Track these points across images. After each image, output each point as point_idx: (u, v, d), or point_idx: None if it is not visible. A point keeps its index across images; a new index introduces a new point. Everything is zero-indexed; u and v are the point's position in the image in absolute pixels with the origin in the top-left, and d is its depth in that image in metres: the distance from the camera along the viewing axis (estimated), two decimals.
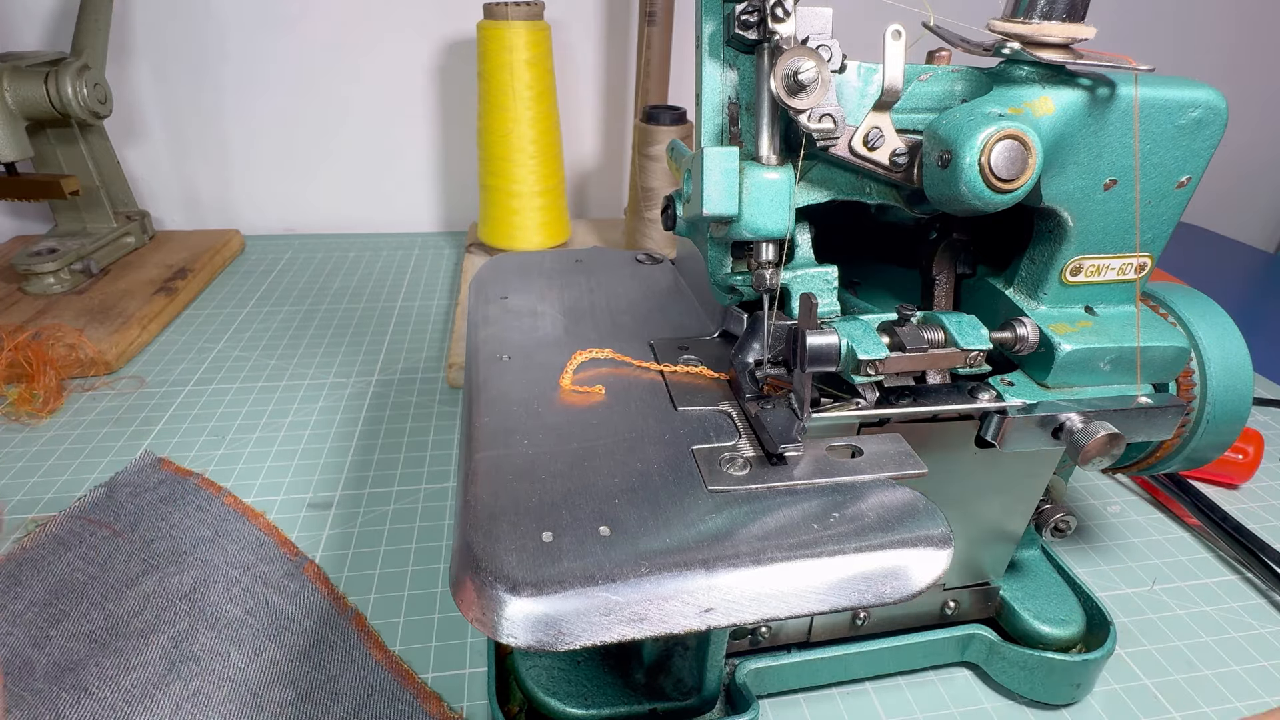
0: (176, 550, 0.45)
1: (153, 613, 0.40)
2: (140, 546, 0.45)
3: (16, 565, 0.43)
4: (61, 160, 0.81)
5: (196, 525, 0.47)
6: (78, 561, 0.43)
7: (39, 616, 0.39)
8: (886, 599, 0.26)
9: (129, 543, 0.45)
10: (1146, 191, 0.33)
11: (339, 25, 0.95)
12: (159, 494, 0.49)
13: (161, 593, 0.41)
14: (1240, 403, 0.37)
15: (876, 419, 0.33)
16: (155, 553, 0.44)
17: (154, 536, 0.45)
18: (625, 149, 1.08)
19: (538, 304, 0.46)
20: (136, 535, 0.45)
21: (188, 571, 0.43)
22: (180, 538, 0.46)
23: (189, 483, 0.51)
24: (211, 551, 0.45)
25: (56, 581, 0.42)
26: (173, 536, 0.46)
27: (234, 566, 0.44)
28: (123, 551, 0.44)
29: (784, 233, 0.32)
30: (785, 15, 0.29)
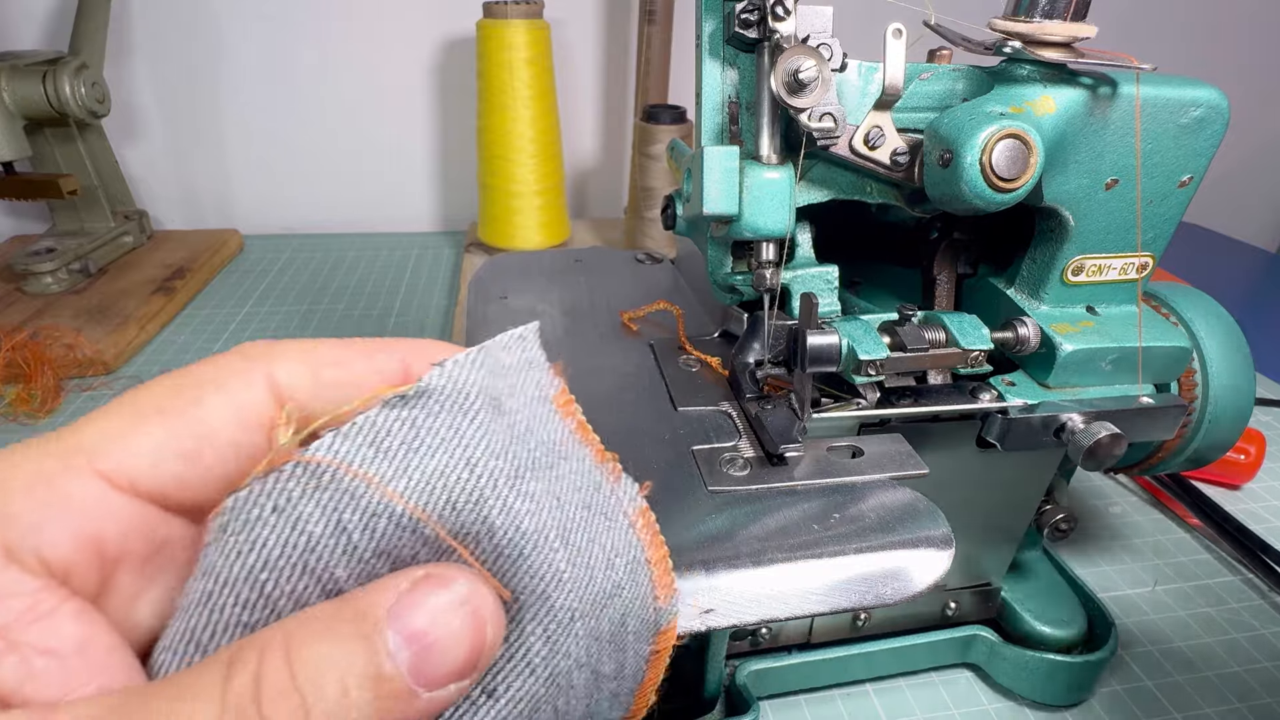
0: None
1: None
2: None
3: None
4: (59, 160, 0.81)
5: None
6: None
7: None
8: (887, 600, 0.26)
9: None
10: (1148, 191, 0.33)
11: (338, 23, 0.95)
12: None
13: None
14: (1242, 403, 0.37)
15: (877, 419, 0.33)
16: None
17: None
18: (625, 148, 1.08)
19: (537, 304, 0.46)
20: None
21: None
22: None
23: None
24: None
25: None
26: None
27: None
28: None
29: (784, 232, 0.32)
30: (785, 14, 0.29)
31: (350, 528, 0.15)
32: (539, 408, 0.18)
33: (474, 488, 0.16)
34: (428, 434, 0.16)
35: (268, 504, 0.15)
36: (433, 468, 0.16)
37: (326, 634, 0.14)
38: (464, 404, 0.16)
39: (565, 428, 0.19)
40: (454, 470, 0.16)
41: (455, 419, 0.16)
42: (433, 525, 0.16)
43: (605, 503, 0.18)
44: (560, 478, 0.18)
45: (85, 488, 0.16)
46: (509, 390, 0.18)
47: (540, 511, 0.17)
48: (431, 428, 0.16)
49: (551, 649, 0.17)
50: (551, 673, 0.16)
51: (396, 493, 0.16)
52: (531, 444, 0.17)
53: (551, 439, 0.18)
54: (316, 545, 0.15)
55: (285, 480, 0.15)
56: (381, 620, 0.14)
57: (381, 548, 0.16)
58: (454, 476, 0.16)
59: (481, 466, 0.16)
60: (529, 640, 0.16)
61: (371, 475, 0.15)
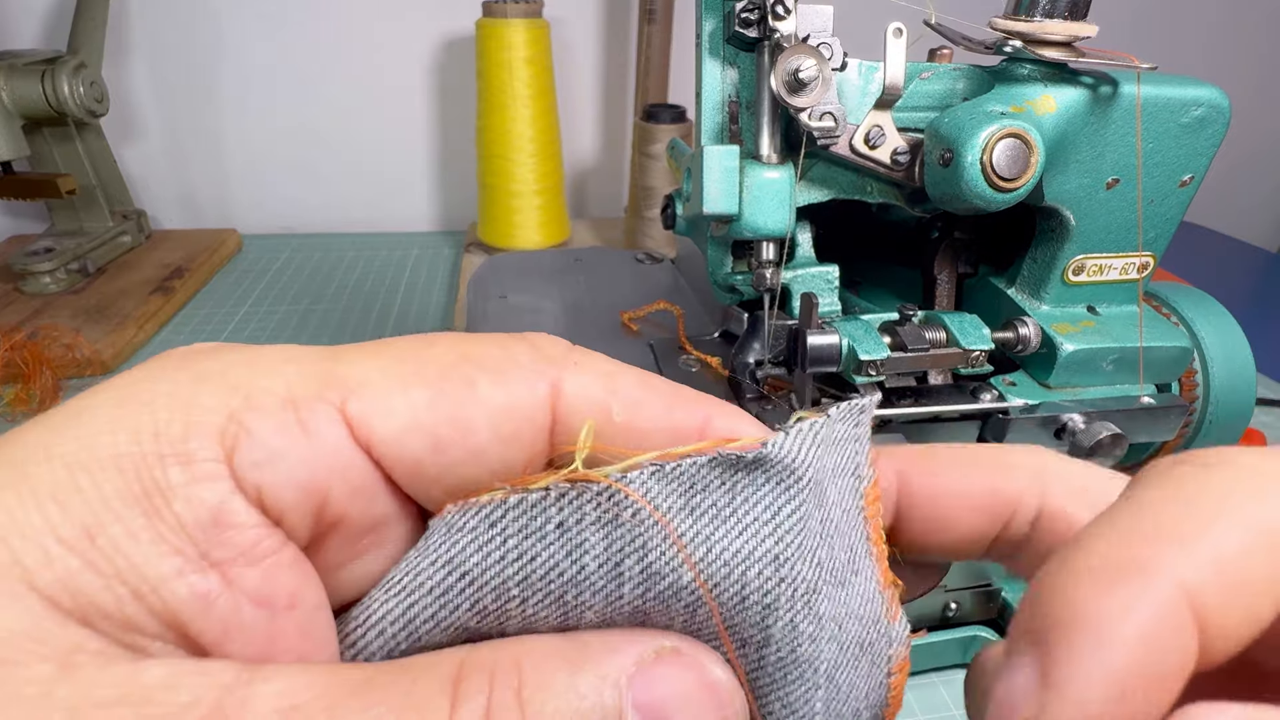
0: None
1: None
2: None
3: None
4: (58, 159, 0.81)
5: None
6: None
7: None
8: None
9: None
10: (1149, 190, 0.33)
11: (337, 22, 0.95)
12: None
13: None
14: (1243, 403, 0.37)
15: (878, 419, 0.33)
16: None
17: None
18: (625, 148, 1.07)
19: (537, 303, 0.45)
20: None
21: None
22: None
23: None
24: None
25: None
26: None
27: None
28: None
29: (784, 232, 0.32)
30: (786, 13, 0.29)
31: (626, 576, 0.14)
32: (850, 501, 0.16)
33: (772, 589, 0.14)
34: (745, 508, 0.14)
35: (554, 518, 0.14)
36: (737, 549, 0.14)
37: (566, 685, 0.13)
38: (791, 486, 0.14)
39: (864, 532, 0.16)
40: (758, 562, 0.14)
41: (778, 500, 0.14)
42: (713, 610, 0.14)
43: (877, 643, 0.16)
44: (848, 600, 0.15)
45: (332, 429, 0.14)
46: (834, 471, 0.16)
47: (819, 639, 0.14)
48: (751, 501, 0.14)
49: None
50: None
51: (693, 561, 0.14)
52: (836, 548, 0.15)
53: (852, 545, 0.16)
54: (583, 579, 0.14)
55: (583, 501, 0.14)
56: (624, 685, 0.13)
57: (644, 609, 0.14)
58: (755, 569, 0.14)
59: (787, 569, 0.14)
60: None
61: (677, 532, 0.14)
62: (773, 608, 0.14)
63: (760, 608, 0.14)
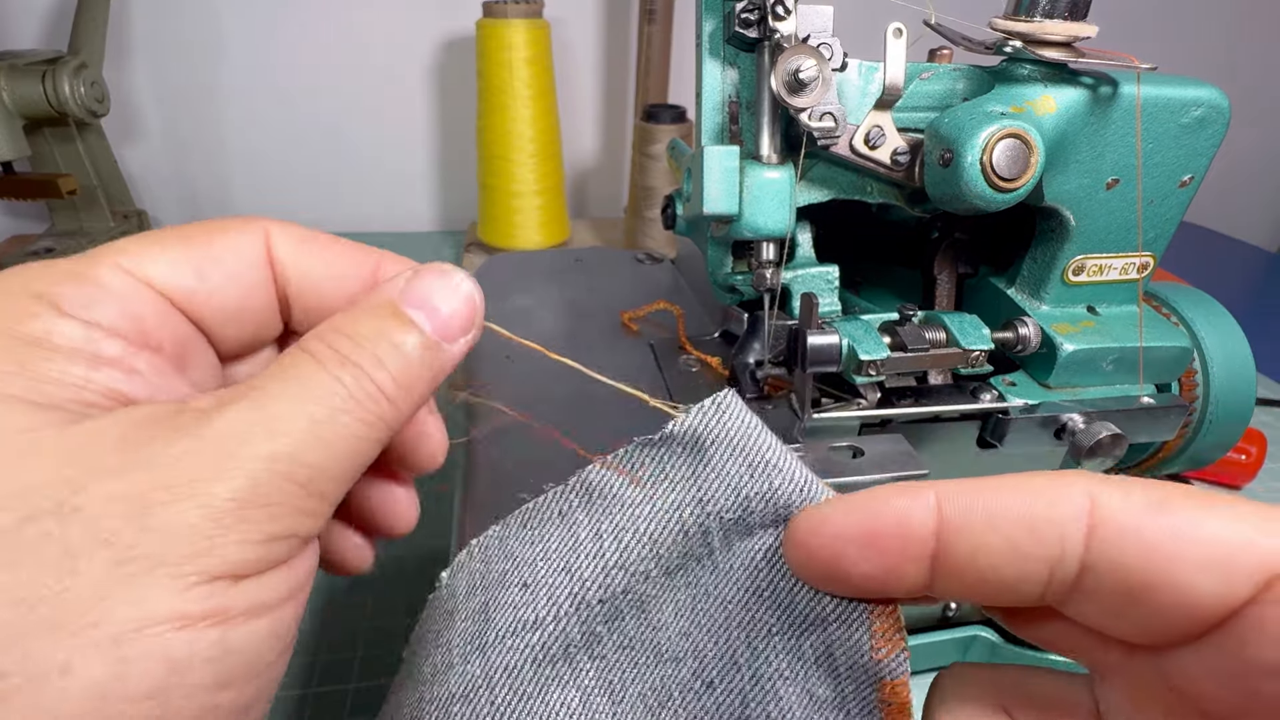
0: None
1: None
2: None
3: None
4: (59, 159, 0.81)
5: None
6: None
7: None
8: None
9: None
10: (1149, 191, 0.33)
11: (337, 22, 0.95)
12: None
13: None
14: (1243, 403, 0.37)
15: (878, 419, 0.33)
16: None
17: None
18: (625, 148, 1.07)
19: (538, 304, 0.45)
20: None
21: None
22: None
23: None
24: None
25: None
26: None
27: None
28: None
29: (784, 232, 0.32)
30: (786, 13, 0.29)
31: (603, 535, 0.20)
32: (787, 453, 0.20)
33: (701, 520, 0.20)
34: (671, 470, 0.20)
35: (555, 509, 0.21)
36: (672, 499, 0.20)
37: (372, 322, 0.18)
38: (700, 448, 0.20)
39: (808, 473, 0.20)
40: (688, 505, 0.20)
41: (693, 459, 0.20)
42: (665, 547, 0.20)
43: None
44: (794, 511, 0.19)
45: (116, 276, 0.18)
46: (762, 429, 0.20)
47: (755, 540, 0.19)
48: (674, 464, 0.20)
49: (753, 655, 0.19)
50: (756, 674, 0.19)
51: (641, 515, 0.20)
52: (776, 480, 0.19)
53: (800, 479, 0.19)
54: (579, 546, 0.20)
55: (568, 493, 0.21)
56: (398, 302, 0.19)
57: (622, 562, 0.20)
58: (688, 510, 0.20)
59: (711, 503, 0.19)
60: (735, 645, 0.20)
61: (625, 498, 0.20)
62: (707, 532, 0.20)
63: (700, 533, 0.20)
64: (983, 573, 0.16)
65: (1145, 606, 0.14)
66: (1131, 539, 0.14)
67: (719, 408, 0.20)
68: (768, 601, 0.19)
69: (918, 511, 0.16)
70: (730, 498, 0.19)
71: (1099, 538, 0.15)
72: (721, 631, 0.20)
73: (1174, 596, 0.14)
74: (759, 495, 0.19)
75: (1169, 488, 0.15)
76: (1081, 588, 0.15)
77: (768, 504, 0.19)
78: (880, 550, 0.17)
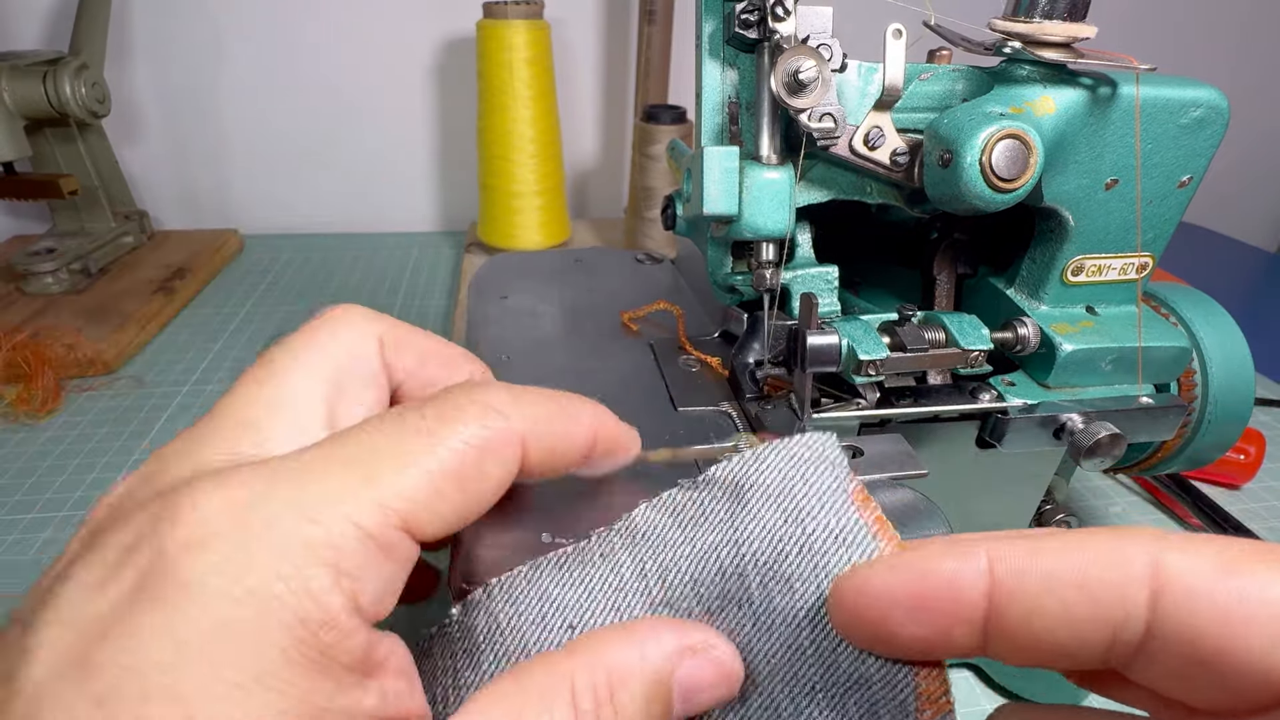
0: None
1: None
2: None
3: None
4: (60, 160, 0.81)
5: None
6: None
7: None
8: None
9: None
10: (1148, 191, 0.33)
11: (338, 23, 0.95)
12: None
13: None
14: (1242, 403, 0.37)
15: (877, 419, 0.33)
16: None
17: None
18: (625, 148, 1.07)
19: (538, 304, 0.46)
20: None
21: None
22: None
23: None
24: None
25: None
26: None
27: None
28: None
29: (784, 232, 0.32)
30: (785, 14, 0.29)
31: (649, 575, 0.20)
32: (831, 497, 0.20)
33: (737, 563, 0.20)
34: (710, 512, 0.21)
35: (597, 549, 0.21)
36: (710, 540, 0.20)
37: (635, 672, 0.18)
38: (738, 492, 0.20)
39: (858, 519, 0.20)
40: (724, 546, 0.20)
41: (732, 503, 0.20)
42: (705, 587, 0.20)
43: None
44: (830, 564, 0.19)
45: (403, 542, 0.18)
46: (801, 477, 0.20)
47: (793, 593, 0.19)
48: (713, 508, 0.21)
49: (795, 706, 0.19)
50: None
51: (683, 555, 0.20)
52: (809, 528, 0.19)
53: (840, 525, 0.19)
54: (624, 585, 0.21)
55: (610, 535, 0.21)
56: (670, 676, 0.19)
57: (668, 599, 0.20)
58: (724, 550, 0.20)
59: (747, 547, 0.20)
60: (777, 696, 0.20)
61: (669, 539, 0.21)
62: (744, 574, 0.20)
63: (737, 575, 0.20)
64: (1039, 637, 0.15)
65: (1216, 674, 0.14)
66: (1202, 603, 0.14)
67: (758, 458, 0.21)
68: (810, 659, 0.19)
69: (968, 574, 0.16)
70: (765, 544, 0.20)
71: (1165, 603, 0.14)
72: (765, 683, 0.20)
73: (1247, 664, 0.13)
74: (794, 543, 0.19)
75: (1238, 545, 0.14)
76: (1147, 653, 0.14)
77: (803, 553, 0.19)
78: (930, 613, 0.16)
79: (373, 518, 0.17)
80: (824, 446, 0.21)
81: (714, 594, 0.20)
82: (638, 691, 0.18)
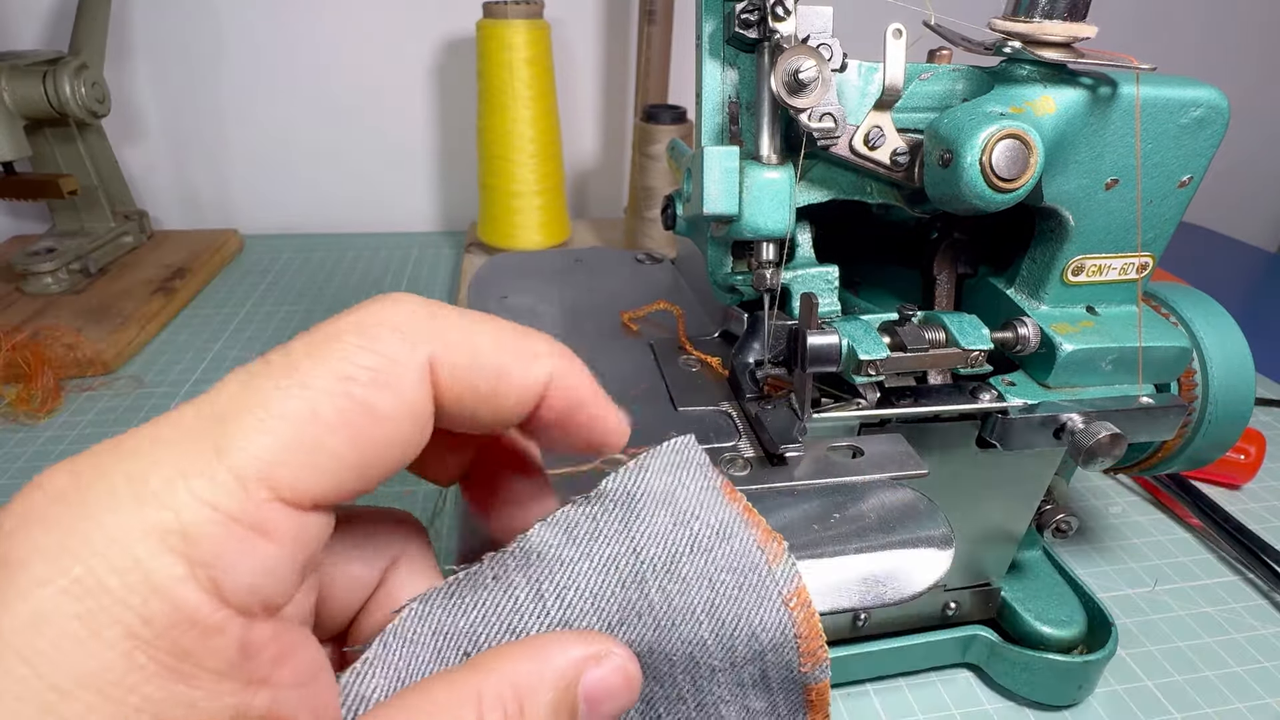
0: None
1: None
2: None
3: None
4: (59, 160, 0.81)
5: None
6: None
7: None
8: (888, 600, 0.26)
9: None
10: (1148, 191, 0.33)
11: (338, 24, 0.95)
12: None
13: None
14: (1242, 403, 0.37)
15: (877, 419, 0.33)
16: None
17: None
18: (625, 148, 1.07)
19: (537, 304, 0.46)
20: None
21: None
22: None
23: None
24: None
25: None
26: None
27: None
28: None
29: (784, 232, 0.32)
30: (786, 14, 0.29)
31: (545, 595, 0.20)
32: (707, 496, 0.22)
33: (637, 570, 0.20)
34: (605, 525, 0.21)
35: (489, 573, 0.21)
36: (608, 553, 0.21)
37: (542, 683, 0.18)
38: (630, 502, 0.21)
39: (733, 511, 0.22)
40: (623, 556, 0.20)
41: (625, 513, 0.21)
42: (606, 601, 0.20)
43: (760, 582, 0.21)
44: (718, 559, 0.21)
45: (281, 517, 0.15)
46: (678, 481, 0.22)
47: (689, 591, 0.20)
48: (607, 521, 0.21)
49: (698, 690, 0.21)
50: (700, 703, 0.21)
51: (581, 572, 0.20)
52: (695, 529, 0.21)
53: (719, 521, 0.21)
54: (520, 607, 0.20)
55: (503, 557, 0.21)
56: (576, 684, 0.18)
57: (566, 618, 0.20)
58: (623, 560, 0.20)
59: (644, 554, 0.20)
60: (680, 685, 0.21)
61: (564, 557, 0.20)
62: (643, 580, 0.20)
63: (636, 583, 0.20)
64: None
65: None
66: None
67: (641, 468, 0.22)
68: (710, 647, 0.21)
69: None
70: (660, 548, 0.21)
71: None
72: (667, 677, 0.21)
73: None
74: (685, 544, 0.21)
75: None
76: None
77: (694, 551, 0.21)
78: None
79: (230, 494, 0.14)
80: (689, 450, 0.22)
81: (614, 607, 0.20)
82: (546, 701, 0.18)
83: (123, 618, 0.13)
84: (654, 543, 0.21)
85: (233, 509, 0.14)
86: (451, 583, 0.21)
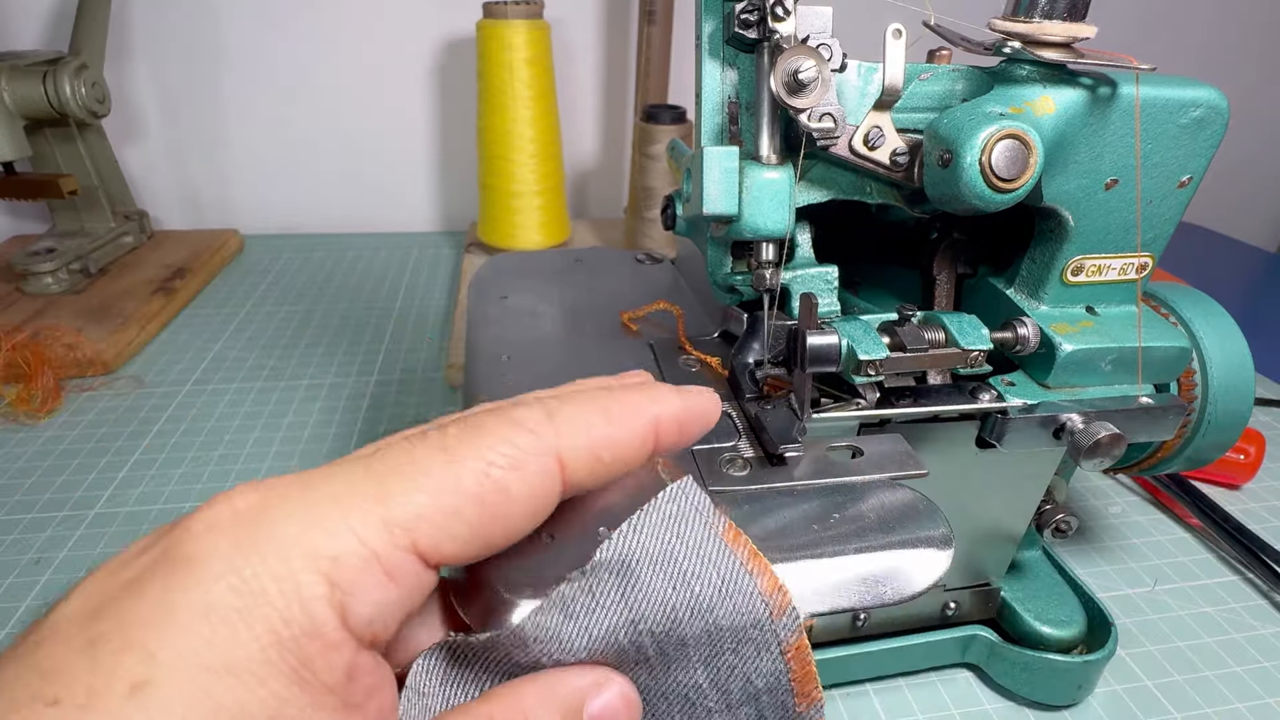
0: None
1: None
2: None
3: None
4: (60, 160, 0.81)
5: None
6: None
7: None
8: (887, 600, 0.26)
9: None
10: (1148, 191, 0.33)
11: (338, 24, 0.95)
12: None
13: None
14: (1242, 403, 0.37)
15: (877, 419, 0.33)
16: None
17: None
18: (625, 148, 1.08)
19: (537, 304, 0.46)
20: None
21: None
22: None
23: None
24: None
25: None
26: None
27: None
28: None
29: (784, 232, 0.32)
30: (785, 14, 0.29)
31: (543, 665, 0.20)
32: (709, 548, 0.21)
33: (635, 640, 0.20)
34: (603, 598, 0.21)
35: (491, 658, 0.21)
36: (607, 626, 0.20)
37: (551, 709, 0.19)
38: (626, 570, 0.21)
39: (736, 562, 0.21)
40: (621, 628, 0.20)
41: (622, 583, 0.21)
42: (600, 658, 0.20)
43: (761, 636, 0.21)
44: (719, 618, 0.21)
45: (411, 566, 0.18)
46: (677, 536, 0.21)
47: (688, 649, 0.21)
48: (605, 592, 0.21)
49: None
50: None
51: (581, 646, 0.20)
52: (696, 589, 0.21)
53: (721, 577, 0.21)
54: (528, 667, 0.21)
55: (504, 638, 0.21)
56: (583, 710, 0.20)
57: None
58: (621, 633, 0.20)
59: (644, 624, 0.20)
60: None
61: (564, 637, 0.20)
62: (641, 648, 0.20)
63: (634, 651, 0.21)
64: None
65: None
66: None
67: (634, 529, 0.21)
68: (705, 692, 0.21)
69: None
70: (660, 614, 0.20)
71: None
72: (664, 716, 0.22)
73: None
74: (686, 608, 0.21)
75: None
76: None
77: (694, 614, 0.21)
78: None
79: (379, 535, 0.17)
80: (688, 496, 0.22)
81: (611, 659, 0.21)
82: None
83: (269, 617, 0.16)
84: (653, 609, 0.20)
85: (377, 548, 0.17)
86: (454, 649, 0.21)
